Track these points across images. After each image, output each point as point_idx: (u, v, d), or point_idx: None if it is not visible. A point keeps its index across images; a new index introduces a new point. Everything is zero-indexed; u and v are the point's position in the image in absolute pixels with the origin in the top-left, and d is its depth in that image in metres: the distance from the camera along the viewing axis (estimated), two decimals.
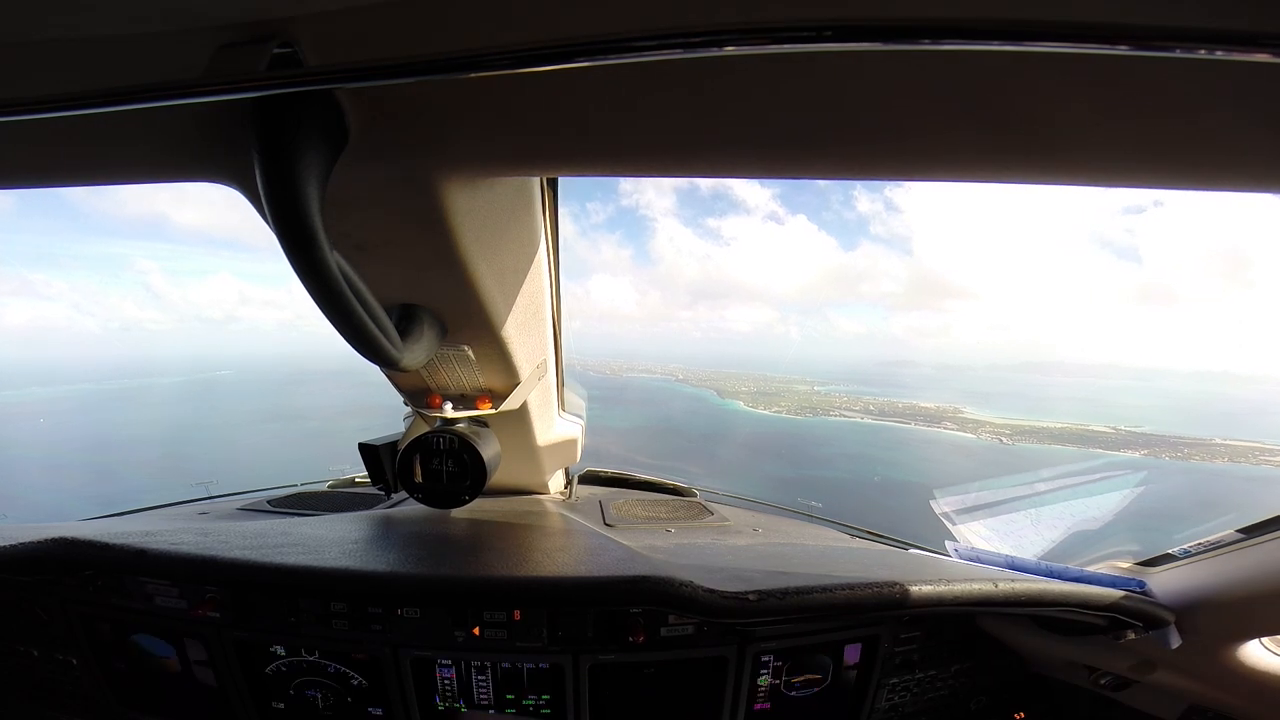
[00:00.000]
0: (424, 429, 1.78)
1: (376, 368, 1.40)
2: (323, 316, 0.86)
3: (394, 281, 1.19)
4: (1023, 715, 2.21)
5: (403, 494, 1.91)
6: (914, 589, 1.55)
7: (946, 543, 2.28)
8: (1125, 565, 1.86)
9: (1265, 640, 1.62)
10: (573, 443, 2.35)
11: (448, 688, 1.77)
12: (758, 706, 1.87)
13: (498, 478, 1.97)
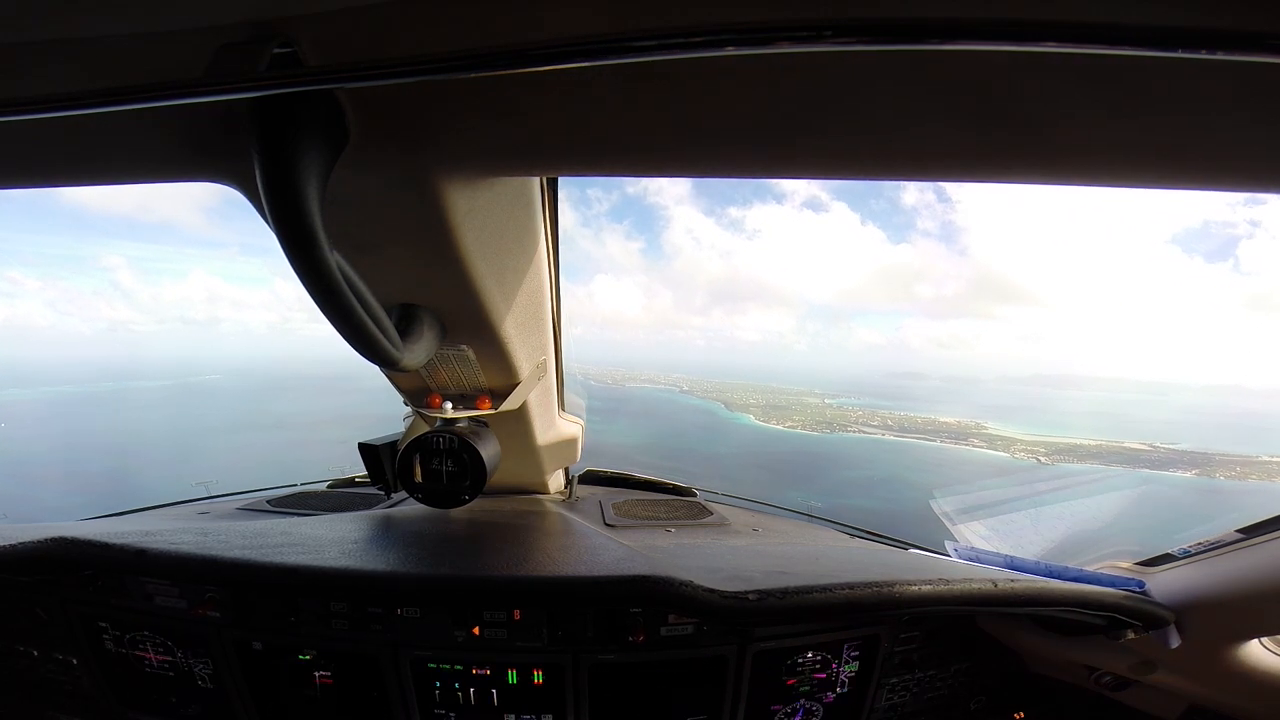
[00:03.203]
0: (424, 429, 1.78)
1: (367, 372, 1.39)
2: (313, 318, 0.86)
3: (394, 281, 1.19)
4: (1023, 715, 2.21)
5: (403, 494, 1.91)
6: (914, 589, 1.55)
7: (946, 543, 2.28)
8: (1125, 565, 1.86)
9: (1265, 640, 1.62)
10: (573, 442, 2.35)
11: (448, 688, 1.77)
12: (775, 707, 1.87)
13: (498, 478, 1.97)
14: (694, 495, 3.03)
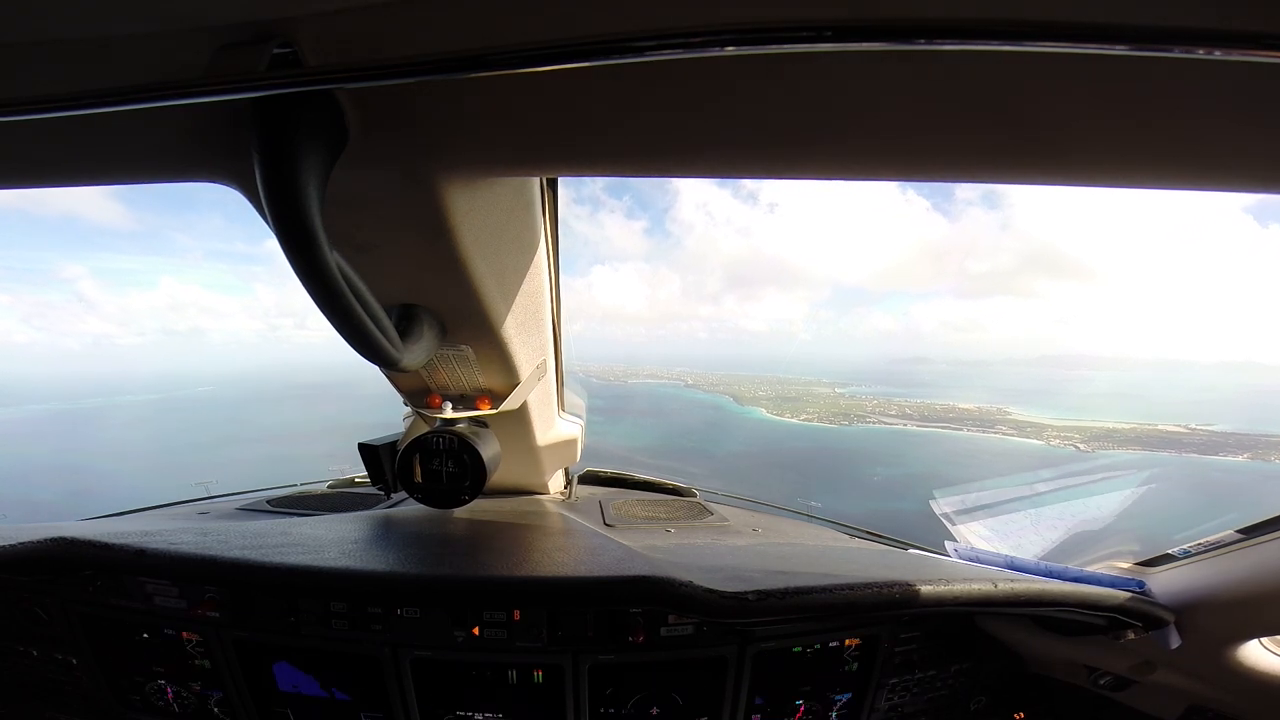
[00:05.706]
0: (424, 429, 1.78)
1: (364, 378, 1.39)
2: (301, 325, 0.86)
3: (394, 281, 1.19)
4: (1023, 715, 2.21)
5: (402, 494, 1.91)
6: (914, 589, 1.55)
7: (946, 543, 2.28)
8: (1125, 565, 1.86)
9: (1265, 640, 1.62)
10: (573, 443, 2.35)
11: (447, 688, 1.77)
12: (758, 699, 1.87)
13: (498, 478, 1.97)
14: (694, 495, 3.03)
